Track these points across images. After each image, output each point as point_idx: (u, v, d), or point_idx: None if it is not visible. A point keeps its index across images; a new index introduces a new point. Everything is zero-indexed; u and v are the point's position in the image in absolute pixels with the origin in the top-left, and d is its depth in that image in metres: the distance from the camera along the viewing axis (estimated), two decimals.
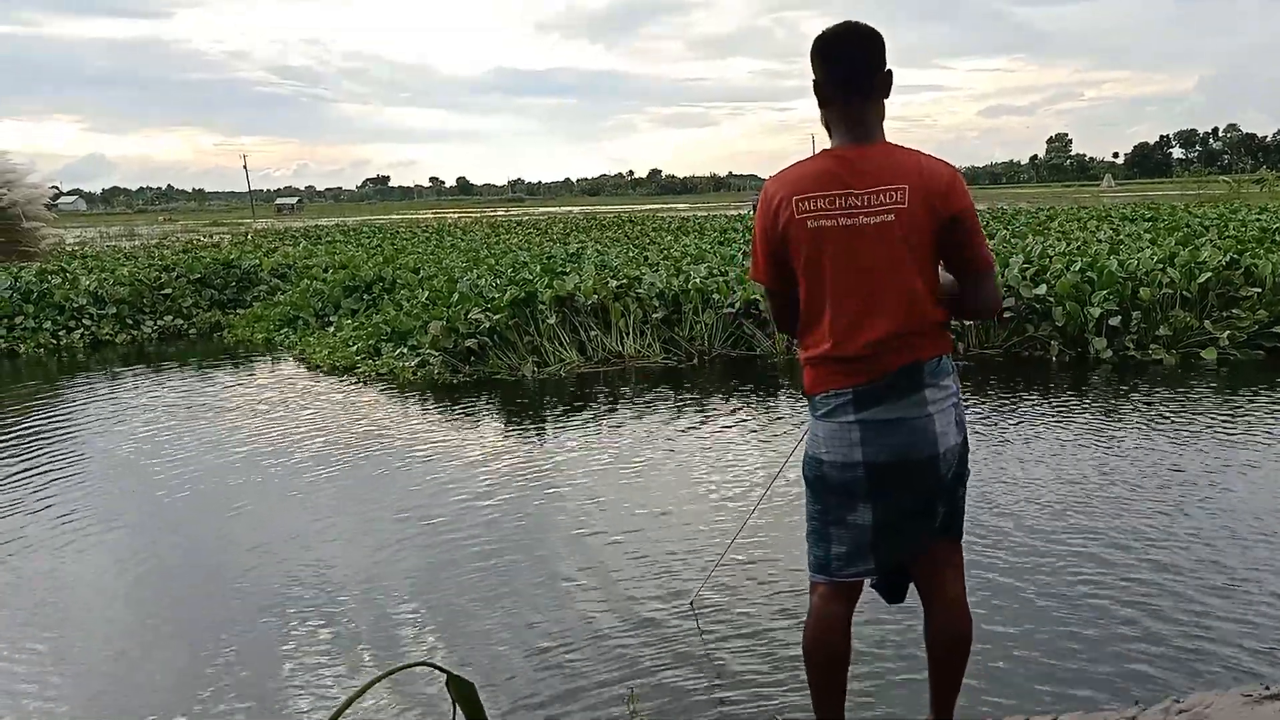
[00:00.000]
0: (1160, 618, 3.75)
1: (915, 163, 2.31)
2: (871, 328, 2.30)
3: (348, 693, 3.40)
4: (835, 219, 2.30)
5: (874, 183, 2.28)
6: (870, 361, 2.31)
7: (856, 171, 2.30)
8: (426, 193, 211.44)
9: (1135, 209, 23.90)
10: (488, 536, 4.99)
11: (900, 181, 2.27)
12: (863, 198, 2.28)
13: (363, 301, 13.32)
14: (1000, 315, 2.54)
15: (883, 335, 2.29)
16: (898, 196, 2.27)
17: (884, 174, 2.28)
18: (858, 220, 2.28)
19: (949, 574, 2.52)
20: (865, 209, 2.28)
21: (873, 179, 2.29)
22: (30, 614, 4.29)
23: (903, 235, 2.27)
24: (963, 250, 2.35)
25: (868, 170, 2.30)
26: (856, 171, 2.30)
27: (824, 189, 2.31)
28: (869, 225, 2.28)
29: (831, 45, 2.38)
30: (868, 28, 2.37)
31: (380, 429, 7.49)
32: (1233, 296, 9.46)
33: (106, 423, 8.14)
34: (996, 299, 2.43)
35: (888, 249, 2.28)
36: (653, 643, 3.74)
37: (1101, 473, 5.59)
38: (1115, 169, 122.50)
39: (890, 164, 2.30)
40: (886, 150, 2.33)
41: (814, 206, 2.31)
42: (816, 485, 2.44)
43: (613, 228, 29.31)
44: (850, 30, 2.37)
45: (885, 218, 2.27)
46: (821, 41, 2.39)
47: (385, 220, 51.69)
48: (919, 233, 2.28)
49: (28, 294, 13.78)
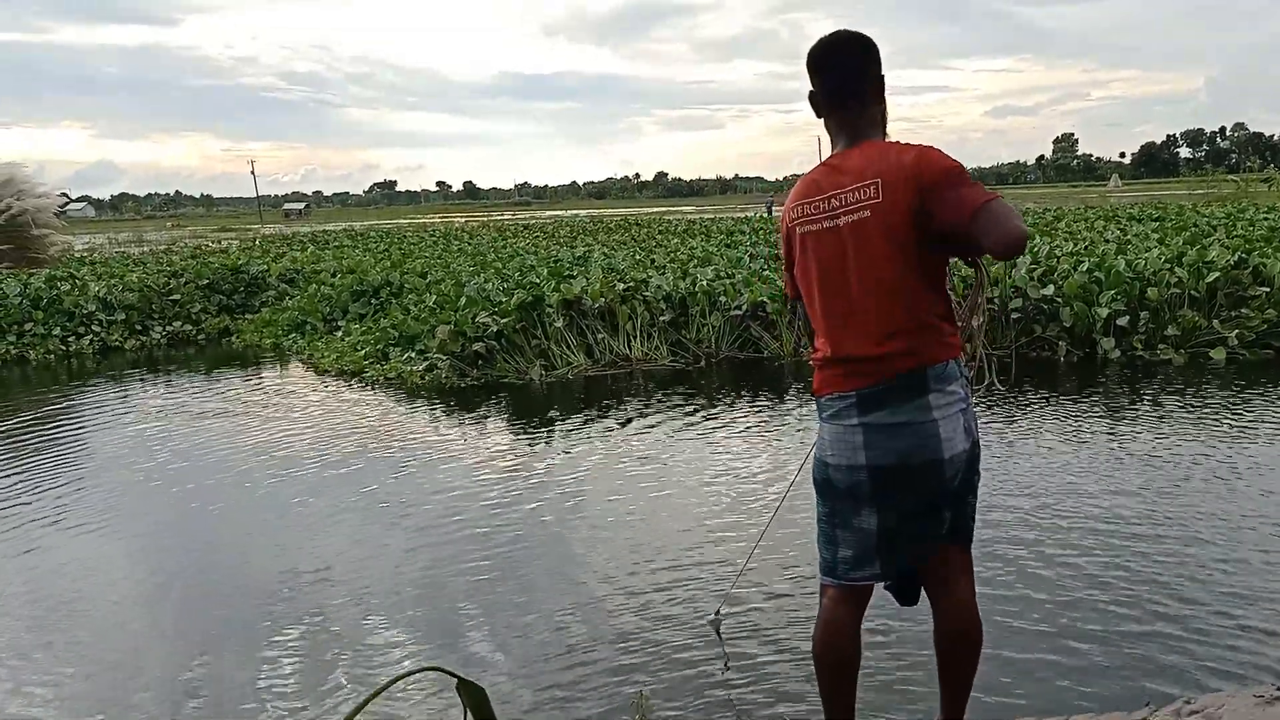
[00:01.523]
0: (1170, 618, 3.73)
1: (887, 153, 2.31)
2: (859, 327, 2.33)
3: (358, 698, 3.41)
4: (819, 223, 2.37)
5: (849, 182, 2.33)
6: (871, 363, 2.32)
7: (836, 174, 2.36)
8: (433, 197, 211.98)
9: (1142, 209, 23.85)
10: (499, 540, 5.00)
11: (872, 176, 2.29)
12: (840, 198, 2.33)
13: (370, 306, 13.35)
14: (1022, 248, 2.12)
15: (872, 334, 2.30)
16: (871, 192, 2.28)
17: (858, 172, 2.32)
18: (839, 221, 2.33)
19: (958, 577, 2.52)
20: (843, 209, 2.33)
21: (848, 179, 2.33)
22: (44, 612, 4.31)
23: (880, 230, 2.27)
24: (949, 209, 2.19)
25: (846, 170, 2.35)
26: (836, 174, 2.36)
27: (810, 195, 2.40)
28: (846, 225, 2.32)
29: (823, 55, 2.44)
30: (857, 35, 2.42)
31: (389, 433, 7.50)
32: (1241, 296, 9.43)
33: (115, 426, 8.17)
34: (1015, 228, 2.12)
35: (867, 245, 2.30)
36: (664, 647, 3.74)
37: (1111, 472, 5.57)
38: (1122, 169, 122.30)
39: (864, 161, 2.33)
40: (867, 149, 2.35)
41: (803, 214, 2.41)
42: (824, 488, 2.45)
43: (619, 230, 29.34)
44: (840, 39, 2.43)
45: (861, 214, 2.29)
46: (812, 52, 2.44)
47: (392, 225, 51.83)
48: (898, 222, 2.25)
49: (37, 300, 13.85)
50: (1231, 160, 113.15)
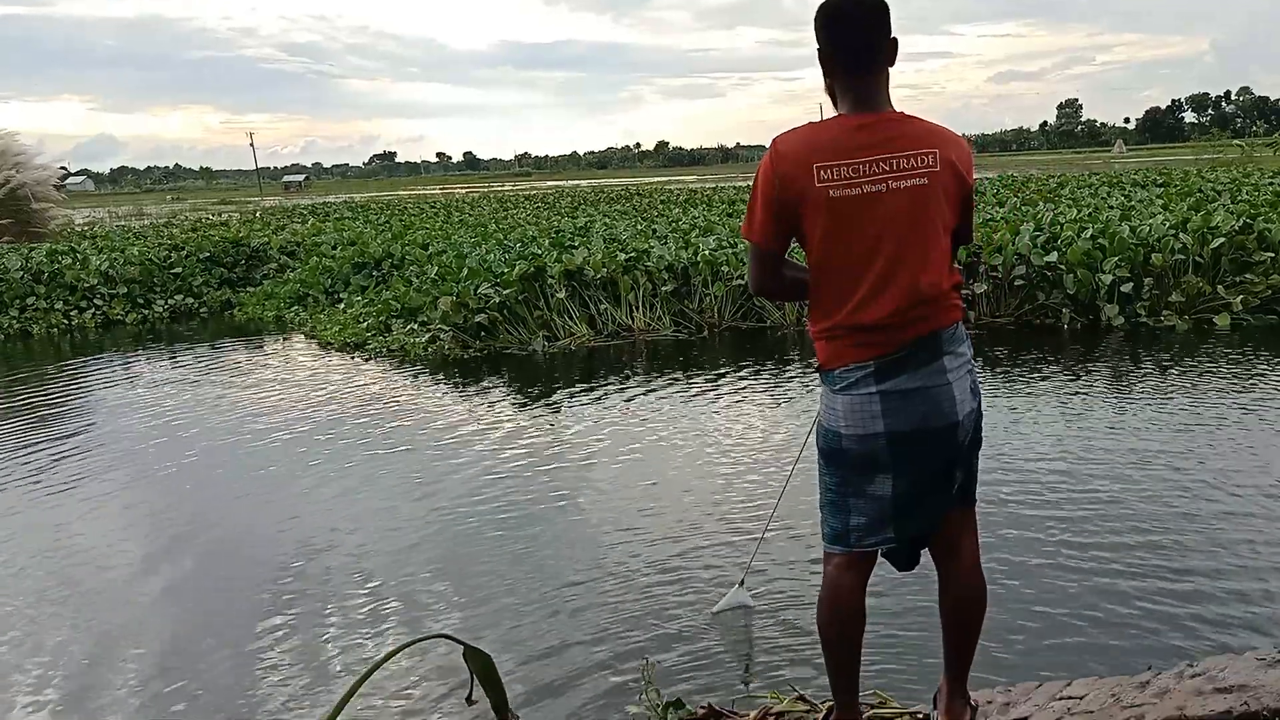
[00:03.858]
0: (1171, 580, 3.75)
1: (937, 130, 2.34)
2: (894, 293, 2.28)
3: (365, 665, 3.44)
4: (860, 186, 2.25)
5: (903, 147, 2.26)
6: (889, 331, 2.30)
7: (881, 138, 2.27)
8: (434, 168, 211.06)
9: (1147, 174, 23.71)
10: (503, 509, 5.02)
11: (930, 146, 2.28)
12: (892, 162, 2.25)
13: (372, 278, 13.33)
14: None
15: (903, 302, 2.28)
16: (929, 160, 2.27)
17: (910, 139, 2.28)
18: (888, 185, 2.25)
19: (964, 539, 2.52)
20: (895, 174, 2.25)
21: (900, 144, 2.27)
22: (54, 585, 4.34)
23: (935, 197, 2.29)
24: (965, 221, 2.47)
25: (894, 136, 2.28)
26: (881, 138, 2.27)
27: (847, 157, 2.26)
28: (901, 189, 2.26)
29: (836, 14, 2.34)
30: None
31: (392, 405, 7.51)
32: (1246, 261, 9.39)
33: (120, 400, 8.19)
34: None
35: (920, 211, 2.28)
36: (667, 616, 3.77)
37: (1113, 439, 5.58)
38: (1127, 134, 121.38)
39: (914, 130, 2.30)
40: (903, 118, 2.33)
41: (836, 175, 2.25)
42: (836, 458, 2.42)
43: (621, 200, 29.21)
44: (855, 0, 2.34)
45: (919, 181, 2.27)
46: (825, 11, 2.34)
47: (393, 196, 51.63)
48: (949, 196, 2.32)
49: (39, 275, 13.83)
50: (1237, 125, 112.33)
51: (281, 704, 3.32)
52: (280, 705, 3.31)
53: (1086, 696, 2.71)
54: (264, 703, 3.34)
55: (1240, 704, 2.44)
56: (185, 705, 3.34)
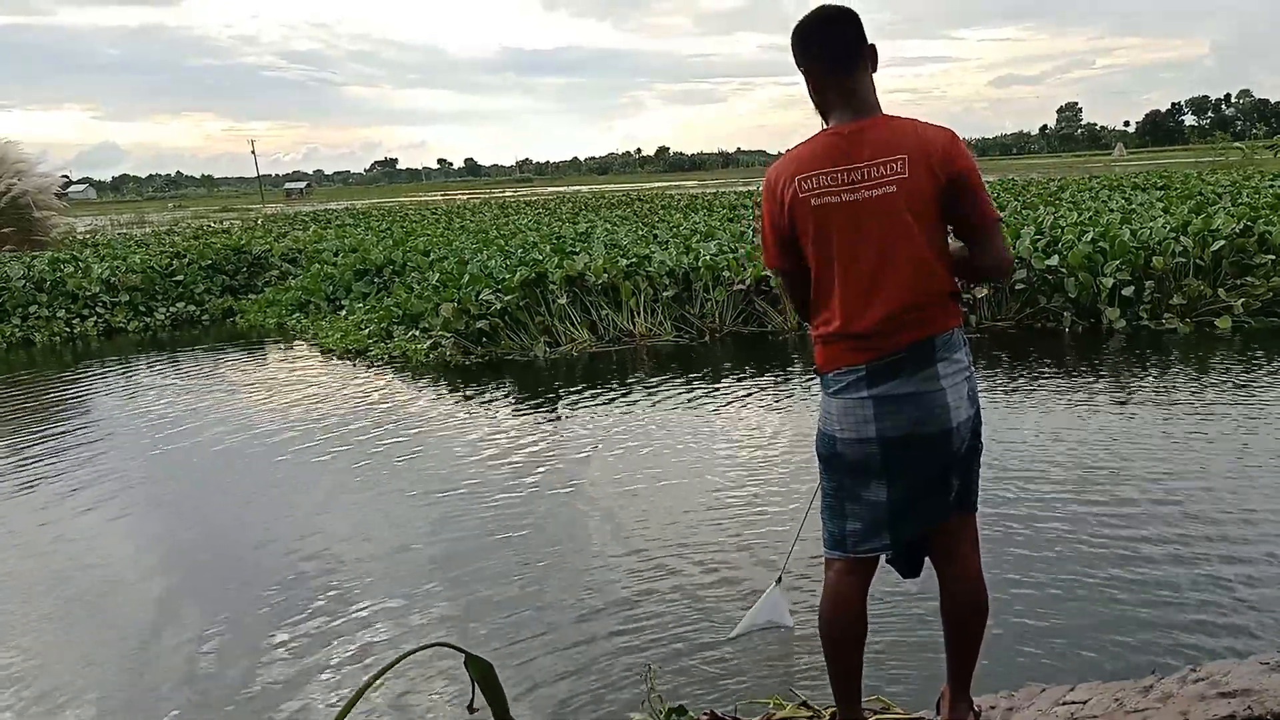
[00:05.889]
0: (1175, 586, 3.75)
1: (913, 130, 2.33)
2: (881, 301, 2.30)
3: (367, 673, 3.44)
4: (838, 195, 2.31)
5: (874, 155, 2.29)
6: (881, 337, 2.31)
7: (856, 145, 2.31)
8: (435, 174, 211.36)
9: (1147, 177, 23.69)
10: (504, 516, 5.02)
11: (899, 152, 2.28)
12: (863, 171, 2.29)
13: (373, 285, 13.34)
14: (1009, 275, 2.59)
15: (893, 308, 2.30)
16: (898, 167, 2.27)
17: (883, 146, 2.29)
18: (860, 194, 2.29)
19: (964, 546, 2.52)
20: (866, 182, 2.29)
21: (872, 151, 2.30)
22: (62, 593, 4.34)
23: (906, 205, 2.28)
24: (966, 209, 2.35)
25: (867, 143, 2.31)
26: (856, 145, 2.31)
27: (824, 166, 2.32)
28: (871, 198, 2.29)
29: (805, 33, 2.41)
30: (840, 9, 2.40)
31: (394, 411, 7.51)
32: (1246, 264, 9.38)
33: (124, 407, 8.19)
34: (1007, 256, 2.44)
35: (892, 221, 2.29)
36: (671, 624, 3.76)
37: (1116, 443, 5.57)
38: (1127, 137, 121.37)
39: (889, 135, 2.31)
40: (884, 122, 2.34)
41: (816, 184, 2.32)
42: (831, 462, 2.44)
43: (621, 206, 29.23)
44: (824, 15, 2.40)
45: (888, 189, 2.28)
46: (796, 31, 2.42)
47: (394, 203, 51.69)
48: (922, 200, 2.29)
49: (41, 283, 13.85)
50: (1237, 127, 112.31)
51: (284, 713, 3.31)
52: (283, 714, 3.31)
53: (1090, 701, 2.71)
54: (266, 711, 3.33)
55: (1244, 709, 2.43)
56: (185, 712, 3.34)
